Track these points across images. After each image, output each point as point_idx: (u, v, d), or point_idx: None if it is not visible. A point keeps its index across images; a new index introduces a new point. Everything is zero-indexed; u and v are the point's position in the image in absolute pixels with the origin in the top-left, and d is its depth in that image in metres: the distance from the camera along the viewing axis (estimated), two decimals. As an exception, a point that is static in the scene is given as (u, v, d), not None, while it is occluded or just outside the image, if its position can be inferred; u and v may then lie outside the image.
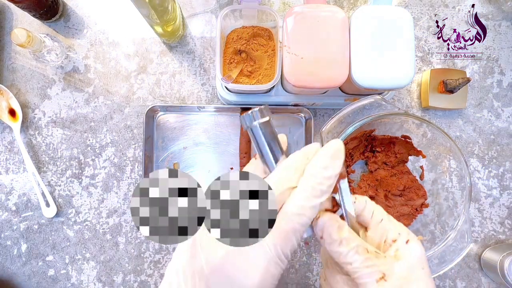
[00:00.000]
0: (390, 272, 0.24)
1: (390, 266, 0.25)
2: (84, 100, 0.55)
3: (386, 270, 0.24)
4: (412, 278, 0.24)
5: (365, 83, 0.44)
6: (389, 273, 0.24)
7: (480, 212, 0.56)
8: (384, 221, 0.27)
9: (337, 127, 0.46)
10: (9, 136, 0.55)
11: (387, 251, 0.26)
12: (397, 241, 0.26)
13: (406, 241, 0.26)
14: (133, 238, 0.55)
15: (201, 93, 0.56)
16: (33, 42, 0.47)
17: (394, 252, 0.26)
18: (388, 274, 0.24)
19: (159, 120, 0.55)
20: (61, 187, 0.55)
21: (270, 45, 0.48)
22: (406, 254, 0.25)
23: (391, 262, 0.25)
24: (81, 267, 0.54)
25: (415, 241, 0.26)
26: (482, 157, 0.56)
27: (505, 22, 0.57)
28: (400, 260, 0.25)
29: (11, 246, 0.54)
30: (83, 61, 0.56)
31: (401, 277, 0.24)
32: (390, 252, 0.26)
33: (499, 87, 0.56)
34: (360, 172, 0.56)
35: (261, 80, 0.47)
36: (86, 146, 0.55)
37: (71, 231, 0.54)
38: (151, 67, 0.56)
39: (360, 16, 0.44)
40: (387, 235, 0.27)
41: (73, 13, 0.56)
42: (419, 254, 0.25)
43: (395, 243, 0.26)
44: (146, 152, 0.53)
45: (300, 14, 0.43)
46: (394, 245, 0.26)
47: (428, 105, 0.54)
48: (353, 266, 0.25)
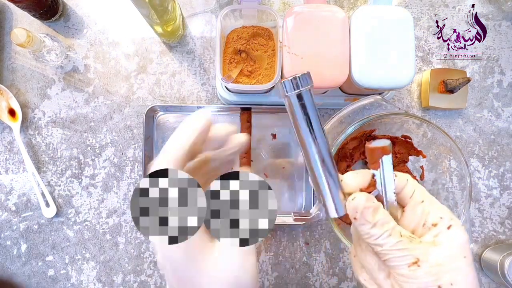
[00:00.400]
0: (425, 257, 0.23)
1: (425, 251, 0.23)
2: (84, 100, 0.55)
3: (421, 255, 0.23)
4: (450, 267, 0.23)
5: (365, 83, 0.44)
6: (423, 258, 0.23)
7: (480, 212, 0.56)
8: (425, 203, 0.25)
9: (337, 127, 0.46)
10: (9, 136, 0.55)
11: (425, 236, 0.24)
12: (437, 225, 0.24)
13: (448, 227, 0.24)
14: (133, 238, 0.55)
15: (201, 93, 0.56)
16: (33, 42, 0.47)
17: (433, 237, 0.24)
18: (423, 259, 0.23)
19: (159, 120, 0.55)
20: (61, 187, 0.55)
21: (270, 45, 0.48)
22: (446, 240, 0.23)
23: (427, 247, 0.23)
24: (81, 267, 0.54)
25: (459, 227, 0.24)
26: (482, 157, 0.56)
27: (505, 22, 0.57)
28: (439, 246, 0.23)
29: (11, 246, 0.54)
30: (83, 61, 0.56)
31: (437, 263, 0.23)
32: (428, 237, 0.24)
33: (499, 87, 0.56)
34: (360, 172, 0.56)
35: (261, 80, 0.47)
36: (86, 146, 0.55)
37: (71, 231, 0.54)
38: (151, 67, 0.56)
39: (360, 16, 0.44)
40: (426, 218, 0.25)
41: (73, 13, 0.56)
42: (462, 241, 0.23)
43: (435, 228, 0.24)
44: (146, 152, 0.53)
45: (300, 14, 0.43)
46: (434, 230, 0.24)
47: (428, 105, 0.54)
48: (384, 249, 0.24)
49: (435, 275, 0.22)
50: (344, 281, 0.55)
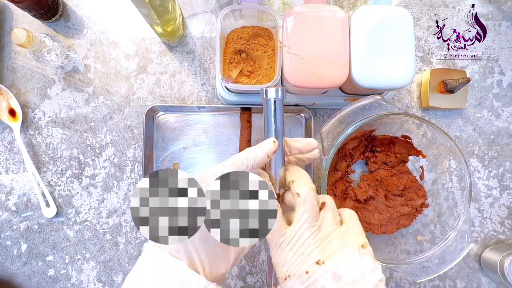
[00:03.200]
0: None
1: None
2: (84, 100, 0.55)
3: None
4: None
5: (365, 83, 0.44)
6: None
7: (480, 212, 0.56)
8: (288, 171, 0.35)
9: (337, 127, 0.46)
10: (9, 136, 0.55)
11: (288, 194, 0.34)
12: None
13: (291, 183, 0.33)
14: (133, 238, 0.55)
15: (201, 93, 0.56)
16: (33, 42, 0.47)
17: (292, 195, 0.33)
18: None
19: (159, 120, 0.55)
20: (61, 187, 0.55)
21: (270, 45, 0.48)
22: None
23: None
24: (81, 267, 0.54)
25: (299, 188, 0.32)
26: (482, 157, 0.56)
27: (505, 22, 0.57)
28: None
29: (11, 246, 0.54)
30: (83, 61, 0.56)
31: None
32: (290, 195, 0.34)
33: (499, 87, 0.56)
34: (360, 172, 0.56)
35: (261, 80, 0.47)
36: (86, 146, 0.55)
37: (71, 231, 0.54)
38: (151, 67, 0.56)
39: (360, 16, 0.44)
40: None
41: (73, 13, 0.56)
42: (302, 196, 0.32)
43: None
44: (146, 152, 0.53)
45: (300, 14, 0.43)
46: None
47: (428, 105, 0.54)
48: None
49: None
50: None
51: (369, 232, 0.51)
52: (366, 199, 0.52)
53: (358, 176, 0.56)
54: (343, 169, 0.54)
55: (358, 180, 0.55)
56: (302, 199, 0.30)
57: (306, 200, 0.30)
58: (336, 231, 0.30)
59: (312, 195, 0.31)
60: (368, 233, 0.51)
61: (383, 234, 0.51)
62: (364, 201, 0.52)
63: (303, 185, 0.31)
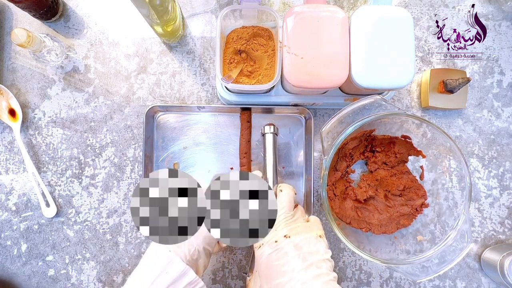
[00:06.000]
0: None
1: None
2: (84, 100, 0.55)
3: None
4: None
5: (365, 83, 0.44)
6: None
7: (480, 212, 0.56)
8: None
9: (337, 127, 0.46)
10: (9, 136, 0.55)
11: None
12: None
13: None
14: (133, 238, 0.55)
15: (201, 93, 0.56)
16: (33, 42, 0.47)
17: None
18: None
19: (159, 120, 0.55)
20: (61, 187, 0.55)
21: (270, 45, 0.48)
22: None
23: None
24: (81, 267, 0.54)
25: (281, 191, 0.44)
26: (482, 157, 0.56)
27: (505, 22, 0.57)
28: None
29: (11, 246, 0.54)
30: (83, 61, 0.56)
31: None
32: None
33: (499, 87, 0.56)
34: (360, 172, 0.56)
35: (261, 80, 0.47)
36: (86, 146, 0.55)
37: (71, 231, 0.55)
38: (151, 67, 0.56)
39: (360, 16, 0.44)
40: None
41: (73, 13, 0.56)
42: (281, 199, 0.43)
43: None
44: (146, 152, 0.53)
45: (300, 14, 0.43)
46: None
47: (428, 105, 0.54)
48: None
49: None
50: (344, 281, 0.55)
51: (369, 232, 0.51)
52: (366, 199, 0.52)
53: (358, 176, 0.56)
54: (343, 169, 0.54)
55: (358, 180, 0.55)
56: (284, 193, 0.42)
57: (287, 195, 0.42)
58: (303, 223, 0.41)
59: (291, 194, 0.43)
60: (368, 233, 0.51)
61: (383, 234, 0.51)
62: (364, 201, 0.52)
63: (287, 187, 0.44)
